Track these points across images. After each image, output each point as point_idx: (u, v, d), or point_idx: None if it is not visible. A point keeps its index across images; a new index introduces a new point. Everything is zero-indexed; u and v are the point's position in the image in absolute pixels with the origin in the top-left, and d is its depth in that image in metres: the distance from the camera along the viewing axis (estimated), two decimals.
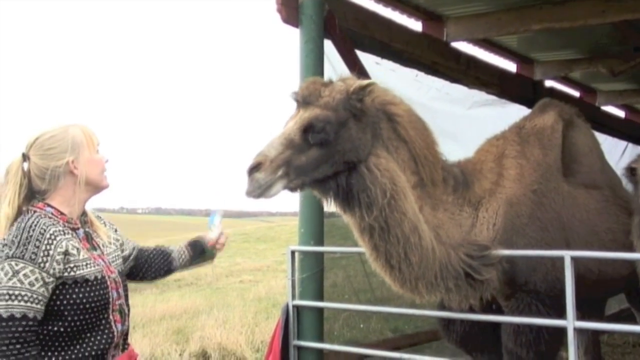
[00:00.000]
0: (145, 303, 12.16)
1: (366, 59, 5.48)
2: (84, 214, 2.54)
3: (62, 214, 2.43)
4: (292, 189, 3.23)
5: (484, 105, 7.31)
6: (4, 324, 2.14)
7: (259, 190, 3.07)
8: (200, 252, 3.02)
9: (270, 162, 3.06)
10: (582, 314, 3.79)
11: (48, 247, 2.26)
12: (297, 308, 4.64)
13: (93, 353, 2.34)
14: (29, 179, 2.43)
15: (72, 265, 2.33)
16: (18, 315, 2.16)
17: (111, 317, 2.44)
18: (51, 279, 2.25)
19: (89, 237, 2.51)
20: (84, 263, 2.37)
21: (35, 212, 2.37)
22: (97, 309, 2.37)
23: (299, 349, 4.60)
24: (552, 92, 8.17)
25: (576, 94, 9.28)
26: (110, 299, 2.44)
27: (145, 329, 9.32)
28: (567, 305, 3.49)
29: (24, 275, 2.20)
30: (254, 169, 3.05)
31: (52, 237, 2.29)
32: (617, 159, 8.87)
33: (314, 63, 4.73)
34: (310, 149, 3.15)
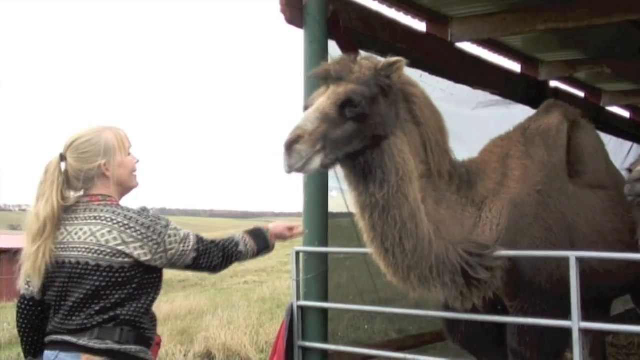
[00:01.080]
0: None
1: None
2: None
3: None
4: (327, 165, 3.23)
5: (488, 106, 7.29)
6: (201, 245, 2.79)
7: (301, 162, 3.04)
8: None
9: (309, 135, 3.04)
10: (588, 315, 3.77)
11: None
12: (302, 309, 4.64)
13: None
14: (66, 177, 2.70)
15: None
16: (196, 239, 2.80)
17: None
18: None
19: None
20: None
21: (115, 203, 2.71)
22: None
23: (304, 349, 4.60)
24: (557, 93, 8.15)
25: (581, 94, 9.25)
26: None
27: None
28: (572, 306, 3.48)
29: (178, 228, 2.75)
30: (294, 142, 3.03)
31: None
32: (622, 159, 8.86)
33: (319, 64, 4.70)
34: (346, 123, 3.15)
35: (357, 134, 3.18)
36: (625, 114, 10.59)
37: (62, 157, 2.71)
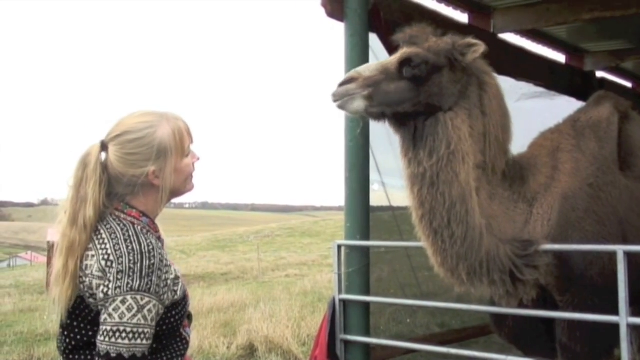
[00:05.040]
0: (193, 296, 12.24)
1: None
2: None
3: (154, 223, 2.14)
4: (371, 114, 3.37)
5: (532, 98, 7.19)
6: None
7: (345, 98, 3.26)
8: None
9: (363, 79, 3.25)
10: None
11: (166, 276, 2.01)
12: (344, 302, 4.65)
13: None
14: (108, 174, 2.07)
15: (176, 289, 2.07)
16: (139, 355, 1.92)
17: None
18: (163, 310, 2.01)
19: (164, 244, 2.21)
20: (178, 282, 2.10)
21: (133, 223, 2.05)
22: (181, 323, 2.17)
23: (346, 342, 4.61)
24: (603, 83, 7.98)
25: (628, 84, 9.04)
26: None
27: (194, 322, 9.42)
28: (620, 301, 3.41)
29: (148, 310, 1.92)
30: (346, 82, 3.26)
31: (167, 264, 2.04)
32: None
33: (359, 57, 4.72)
34: (401, 80, 3.31)
35: (410, 97, 3.31)
36: None
37: (104, 147, 2.07)
